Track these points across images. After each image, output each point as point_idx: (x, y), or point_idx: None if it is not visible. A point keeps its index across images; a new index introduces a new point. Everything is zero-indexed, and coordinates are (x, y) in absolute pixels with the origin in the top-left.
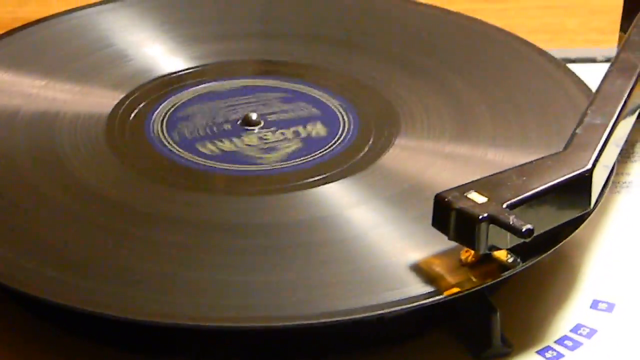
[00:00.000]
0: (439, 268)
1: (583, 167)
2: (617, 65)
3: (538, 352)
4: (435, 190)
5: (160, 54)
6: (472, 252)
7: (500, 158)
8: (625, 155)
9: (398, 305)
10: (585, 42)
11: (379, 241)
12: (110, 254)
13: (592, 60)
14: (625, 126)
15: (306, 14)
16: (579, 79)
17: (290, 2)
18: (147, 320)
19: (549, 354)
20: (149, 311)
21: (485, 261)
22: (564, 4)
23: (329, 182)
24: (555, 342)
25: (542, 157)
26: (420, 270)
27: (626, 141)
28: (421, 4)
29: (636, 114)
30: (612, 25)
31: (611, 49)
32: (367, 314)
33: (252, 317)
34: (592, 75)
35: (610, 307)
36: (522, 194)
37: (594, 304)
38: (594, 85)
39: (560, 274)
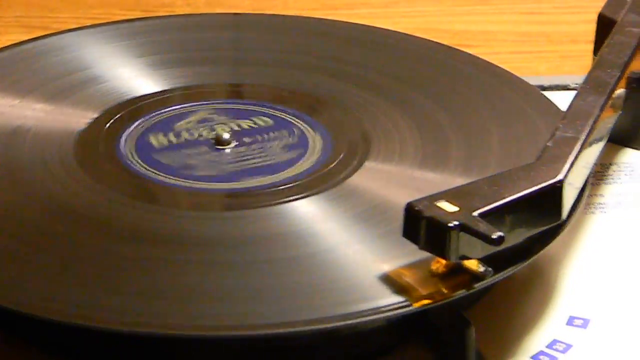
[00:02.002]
0: (408, 279)
1: (554, 178)
2: (589, 83)
3: None
4: None
5: (133, 77)
6: (443, 262)
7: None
8: (599, 177)
9: (365, 315)
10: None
11: (348, 255)
12: (76, 265)
13: (565, 88)
14: (597, 145)
15: (275, 39)
16: (555, 106)
17: (259, 28)
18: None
19: None
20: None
21: (456, 272)
22: (535, 49)
23: (300, 199)
24: (531, 357)
25: (514, 168)
26: (389, 281)
27: (600, 164)
28: (388, 30)
29: (607, 135)
30: (584, 70)
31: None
32: (332, 325)
33: (218, 327)
34: (565, 102)
35: (585, 323)
36: (493, 203)
37: (570, 320)
38: None
39: (536, 291)
